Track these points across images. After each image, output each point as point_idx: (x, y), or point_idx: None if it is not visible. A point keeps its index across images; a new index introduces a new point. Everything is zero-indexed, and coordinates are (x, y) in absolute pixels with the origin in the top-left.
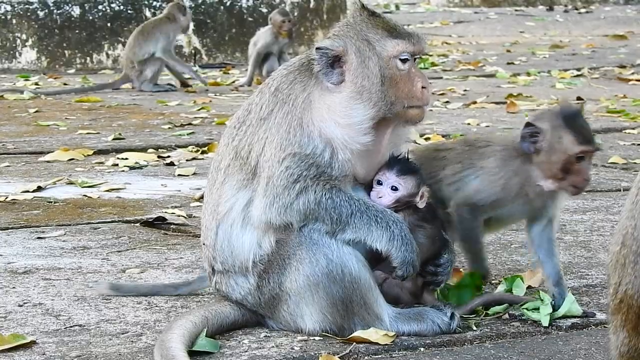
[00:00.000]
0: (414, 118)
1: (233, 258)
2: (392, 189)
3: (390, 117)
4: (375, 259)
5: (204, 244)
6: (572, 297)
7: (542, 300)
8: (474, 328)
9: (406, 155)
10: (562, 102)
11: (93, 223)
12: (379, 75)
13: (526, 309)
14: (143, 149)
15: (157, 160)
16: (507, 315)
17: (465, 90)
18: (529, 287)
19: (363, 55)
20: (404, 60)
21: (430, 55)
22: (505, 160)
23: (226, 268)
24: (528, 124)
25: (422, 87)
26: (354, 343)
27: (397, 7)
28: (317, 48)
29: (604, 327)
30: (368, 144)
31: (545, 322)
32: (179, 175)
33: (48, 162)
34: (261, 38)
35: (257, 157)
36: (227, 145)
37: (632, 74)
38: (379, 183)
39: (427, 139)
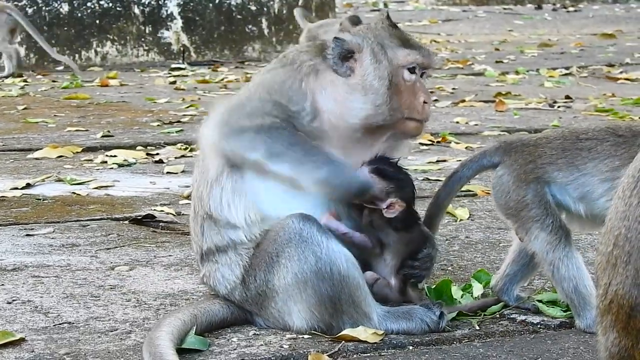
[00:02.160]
0: (411, 131)
1: (220, 235)
2: None
3: (388, 126)
4: (365, 262)
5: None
6: None
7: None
8: (477, 327)
9: (396, 161)
10: None
11: (82, 220)
12: (387, 80)
13: (540, 301)
14: (132, 147)
15: (146, 158)
16: (497, 314)
17: (453, 89)
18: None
19: (377, 57)
20: (411, 71)
21: None
22: None
23: (213, 249)
24: None
25: (424, 102)
26: (343, 341)
27: (385, 5)
28: (335, 38)
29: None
30: (358, 134)
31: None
32: (167, 172)
33: (37, 159)
34: None
35: None
36: None
37: (621, 72)
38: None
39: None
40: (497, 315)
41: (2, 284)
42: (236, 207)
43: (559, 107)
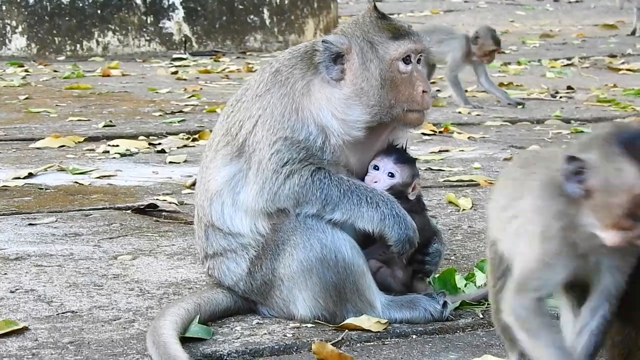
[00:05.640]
0: (413, 122)
1: (226, 240)
2: (388, 175)
3: (390, 121)
4: (368, 244)
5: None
6: None
7: None
8: (481, 316)
9: (404, 145)
10: (614, 124)
11: (84, 210)
12: (379, 79)
13: None
14: (134, 136)
15: (148, 148)
16: None
17: None
18: None
19: (365, 57)
20: (406, 62)
21: None
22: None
23: (219, 251)
24: (570, 158)
25: (423, 92)
26: (347, 330)
27: None
28: (323, 41)
29: None
30: (363, 138)
31: None
32: (170, 162)
33: (39, 148)
34: (453, 53)
35: (246, 134)
36: (221, 123)
37: (623, 63)
38: (376, 168)
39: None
40: None
41: (5, 273)
42: (240, 219)
43: (561, 97)
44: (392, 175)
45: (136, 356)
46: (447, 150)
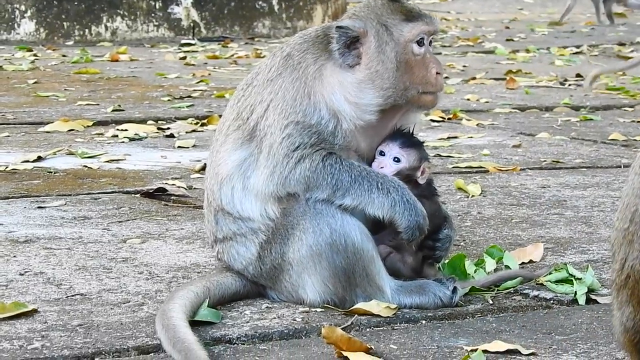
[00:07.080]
0: (427, 104)
1: (236, 224)
2: (394, 160)
3: (402, 104)
4: (378, 229)
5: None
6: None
7: (573, 276)
8: (490, 301)
9: (411, 130)
10: None
11: (93, 193)
12: (395, 61)
13: (549, 281)
14: (142, 121)
15: (157, 132)
16: (511, 290)
17: (464, 66)
18: (530, 262)
19: (381, 39)
20: (420, 43)
21: None
22: None
23: (228, 235)
24: None
25: (437, 73)
26: (356, 315)
27: None
28: (337, 27)
29: (607, 302)
30: (375, 122)
31: (582, 300)
32: (178, 147)
33: (48, 132)
34: None
35: (257, 118)
36: (231, 107)
37: (632, 51)
38: (382, 154)
39: (427, 113)
40: (511, 291)
41: (15, 256)
42: (250, 204)
43: (569, 85)
44: (398, 160)
45: (145, 339)
46: (455, 137)
